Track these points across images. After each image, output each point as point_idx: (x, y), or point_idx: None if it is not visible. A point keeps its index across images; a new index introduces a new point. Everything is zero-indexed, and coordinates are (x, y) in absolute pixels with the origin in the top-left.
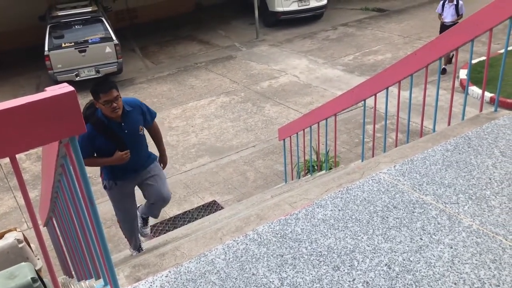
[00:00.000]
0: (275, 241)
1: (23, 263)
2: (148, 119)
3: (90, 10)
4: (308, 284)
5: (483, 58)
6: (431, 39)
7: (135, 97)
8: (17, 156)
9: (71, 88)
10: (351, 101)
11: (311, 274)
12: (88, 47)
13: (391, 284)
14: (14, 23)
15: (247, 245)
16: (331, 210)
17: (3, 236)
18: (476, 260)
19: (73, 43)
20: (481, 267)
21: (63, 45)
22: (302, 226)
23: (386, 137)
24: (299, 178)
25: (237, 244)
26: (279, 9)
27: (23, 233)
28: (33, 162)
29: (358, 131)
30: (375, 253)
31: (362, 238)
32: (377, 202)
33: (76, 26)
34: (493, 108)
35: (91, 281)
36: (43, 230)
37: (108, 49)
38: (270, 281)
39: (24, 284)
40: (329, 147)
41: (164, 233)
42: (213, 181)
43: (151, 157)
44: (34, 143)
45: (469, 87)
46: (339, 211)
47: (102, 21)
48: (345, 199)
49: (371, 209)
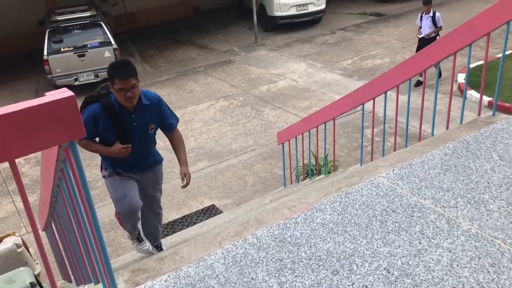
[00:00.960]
0: (274, 245)
1: (21, 267)
2: (166, 122)
3: (89, 14)
4: None
5: (481, 62)
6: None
7: (156, 93)
8: (16, 160)
9: (70, 93)
10: (350, 105)
11: (310, 279)
12: (87, 51)
13: None
14: (13, 28)
15: (246, 249)
16: (330, 214)
17: (1, 241)
18: (475, 264)
19: (72, 48)
20: (480, 271)
21: (62, 49)
22: (301, 230)
23: (384, 141)
24: (298, 182)
25: (236, 248)
26: (278, 13)
27: (21, 238)
28: (32, 166)
29: (356, 135)
30: (374, 257)
31: (361, 242)
32: (376, 206)
33: (75, 31)
34: (491, 112)
35: (90, 285)
36: (42, 234)
37: (107, 54)
38: (270, 286)
39: None
40: (328, 151)
41: (163, 237)
42: (212, 185)
43: (157, 159)
44: (34, 148)
45: (467, 91)
46: (338, 215)
47: (101, 25)
48: (344, 203)
49: (370, 213)
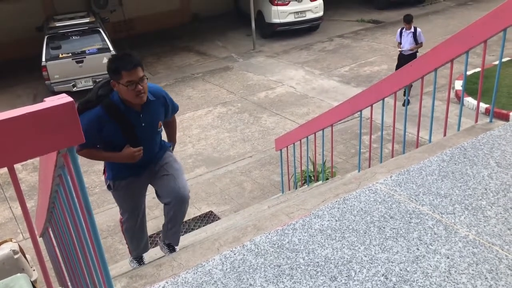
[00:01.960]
0: (272, 251)
1: (18, 274)
2: (169, 113)
3: (87, 21)
4: None
5: (478, 69)
6: (426, 51)
7: (157, 85)
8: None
9: (70, 99)
10: (348, 111)
11: (308, 285)
12: (85, 57)
13: None
14: (11, 34)
15: (244, 255)
16: (328, 221)
17: None
18: (473, 270)
19: (70, 54)
20: (477, 277)
21: (60, 55)
22: (299, 236)
23: (382, 147)
24: (296, 188)
25: (234, 254)
26: (276, 20)
27: (19, 244)
28: (29, 172)
29: (354, 141)
30: (372, 264)
31: (359, 248)
32: (374, 213)
33: (74, 37)
34: (489, 119)
35: None
36: (39, 240)
37: (105, 60)
38: None
39: None
40: (326, 157)
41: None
42: (210, 191)
43: (164, 147)
44: (33, 154)
45: (465, 98)
46: (336, 221)
47: (99, 32)
48: (342, 209)
49: (368, 219)
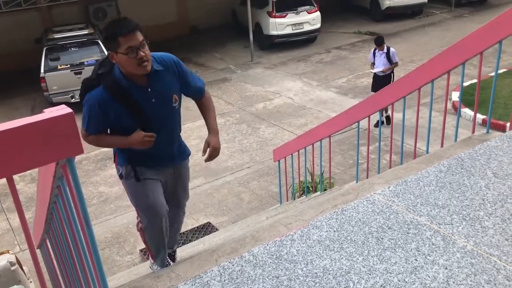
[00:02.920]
0: (270, 262)
1: (15, 286)
2: (192, 87)
3: (86, 32)
4: None
5: (475, 80)
6: (423, 62)
7: (165, 52)
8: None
9: (69, 110)
10: (345, 122)
11: None
12: (84, 69)
13: None
14: (10, 45)
15: (242, 266)
16: (326, 231)
17: None
18: (471, 281)
19: (69, 65)
20: None
21: (59, 67)
22: (298, 247)
23: (380, 158)
24: (294, 199)
25: (233, 265)
26: (274, 32)
27: (15, 256)
28: (27, 183)
29: (352, 152)
30: (370, 274)
31: (358, 259)
32: (372, 223)
33: (72, 49)
34: (485, 130)
35: None
36: (37, 252)
37: None
38: None
39: None
40: (324, 168)
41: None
42: (208, 202)
43: (186, 151)
44: (32, 165)
45: (462, 109)
46: (334, 232)
47: (98, 43)
48: (340, 220)
49: (366, 230)
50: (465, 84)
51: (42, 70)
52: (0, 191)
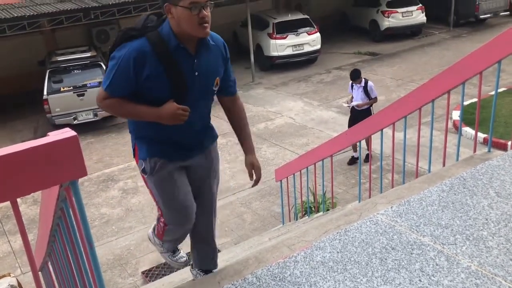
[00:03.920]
0: (274, 284)
1: None
2: (229, 79)
3: (89, 55)
4: None
5: (475, 99)
6: (423, 81)
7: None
8: None
9: (73, 133)
10: (347, 142)
11: None
12: (86, 91)
13: None
14: (13, 68)
15: None
16: (330, 252)
17: None
18: None
19: (71, 87)
20: None
21: (61, 89)
22: (301, 269)
23: (382, 177)
24: (297, 219)
25: None
26: (274, 53)
27: (17, 279)
28: (29, 205)
29: (354, 172)
30: None
31: (361, 280)
32: (375, 244)
33: (75, 71)
34: (487, 148)
35: None
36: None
37: None
38: None
39: None
40: (326, 188)
41: (160, 277)
42: None
43: (214, 133)
44: (36, 187)
45: (463, 128)
46: (338, 253)
47: (100, 65)
48: (343, 240)
49: (369, 250)
50: (466, 103)
51: (45, 92)
52: (2, 214)
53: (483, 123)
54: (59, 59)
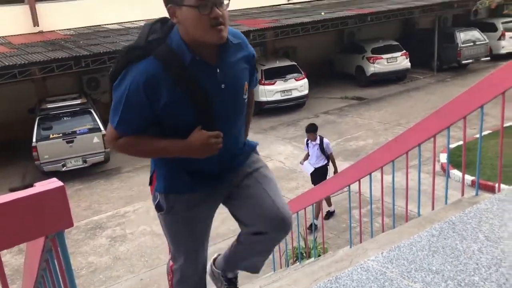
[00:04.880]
0: None
1: None
2: (253, 78)
3: (79, 102)
4: None
5: (461, 142)
6: (410, 125)
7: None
8: None
9: (60, 183)
10: (336, 186)
11: None
12: (76, 137)
13: None
14: (4, 115)
15: None
16: None
17: None
18: None
19: (61, 134)
20: None
21: (51, 136)
22: None
23: (372, 221)
24: (288, 266)
25: None
26: (263, 99)
27: None
28: (14, 255)
29: (344, 216)
30: None
31: None
32: None
33: (65, 118)
34: (474, 191)
35: None
36: None
37: (96, 139)
38: None
39: None
40: (317, 233)
41: None
42: None
43: (250, 145)
44: (21, 239)
45: (450, 171)
46: None
47: (90, 112)
48: None
49: None
50: (452, 146)
51: (34, 139)
52: None
53: (470, 165)
54: (49, 106)
